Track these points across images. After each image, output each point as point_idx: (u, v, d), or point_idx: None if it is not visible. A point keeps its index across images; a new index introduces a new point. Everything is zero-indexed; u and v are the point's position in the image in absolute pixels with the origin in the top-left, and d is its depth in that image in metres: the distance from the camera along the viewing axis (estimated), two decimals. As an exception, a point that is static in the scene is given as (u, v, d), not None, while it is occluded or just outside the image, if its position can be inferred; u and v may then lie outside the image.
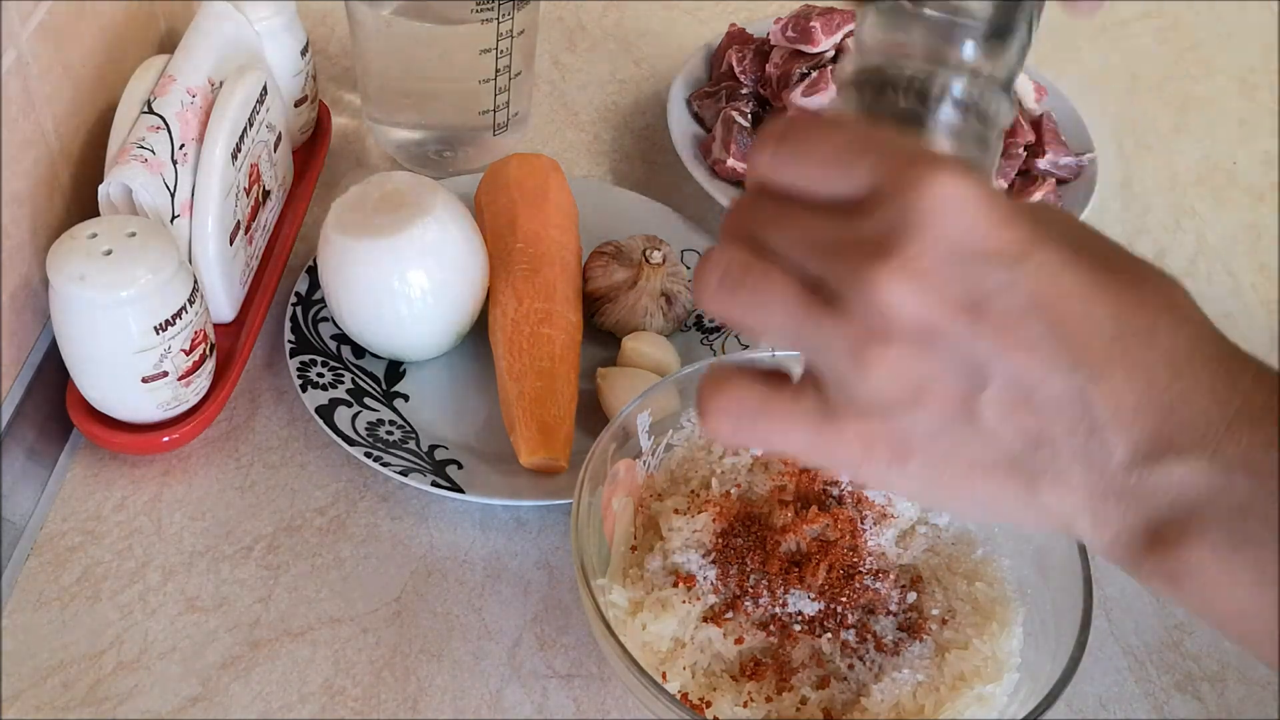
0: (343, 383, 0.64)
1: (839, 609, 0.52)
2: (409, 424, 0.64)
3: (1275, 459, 0.30)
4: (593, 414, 0.65)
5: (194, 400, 0.61)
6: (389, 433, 0.63)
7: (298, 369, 0.64)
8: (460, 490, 0.60)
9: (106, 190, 0.60)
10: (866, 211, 0.30)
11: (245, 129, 0.64)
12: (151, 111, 0.62)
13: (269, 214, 0.70)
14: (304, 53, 0.75)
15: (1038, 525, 0.33)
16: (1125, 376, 0.30)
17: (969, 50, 0.35)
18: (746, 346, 0.67)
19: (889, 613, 0.53)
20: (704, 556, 0.53)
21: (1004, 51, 0.36)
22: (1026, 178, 0.78)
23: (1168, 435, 0.31)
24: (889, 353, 0.30)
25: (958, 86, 0.35)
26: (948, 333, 0.30)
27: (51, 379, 0.61)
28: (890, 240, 0.30)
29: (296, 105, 0.75)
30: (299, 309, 0.67)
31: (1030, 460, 0.32)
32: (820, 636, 0.52)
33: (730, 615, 0.52)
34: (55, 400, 0.61)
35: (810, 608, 0.52)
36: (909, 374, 0.31)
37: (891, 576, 0.54)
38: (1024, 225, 0.30)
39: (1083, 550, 0.51)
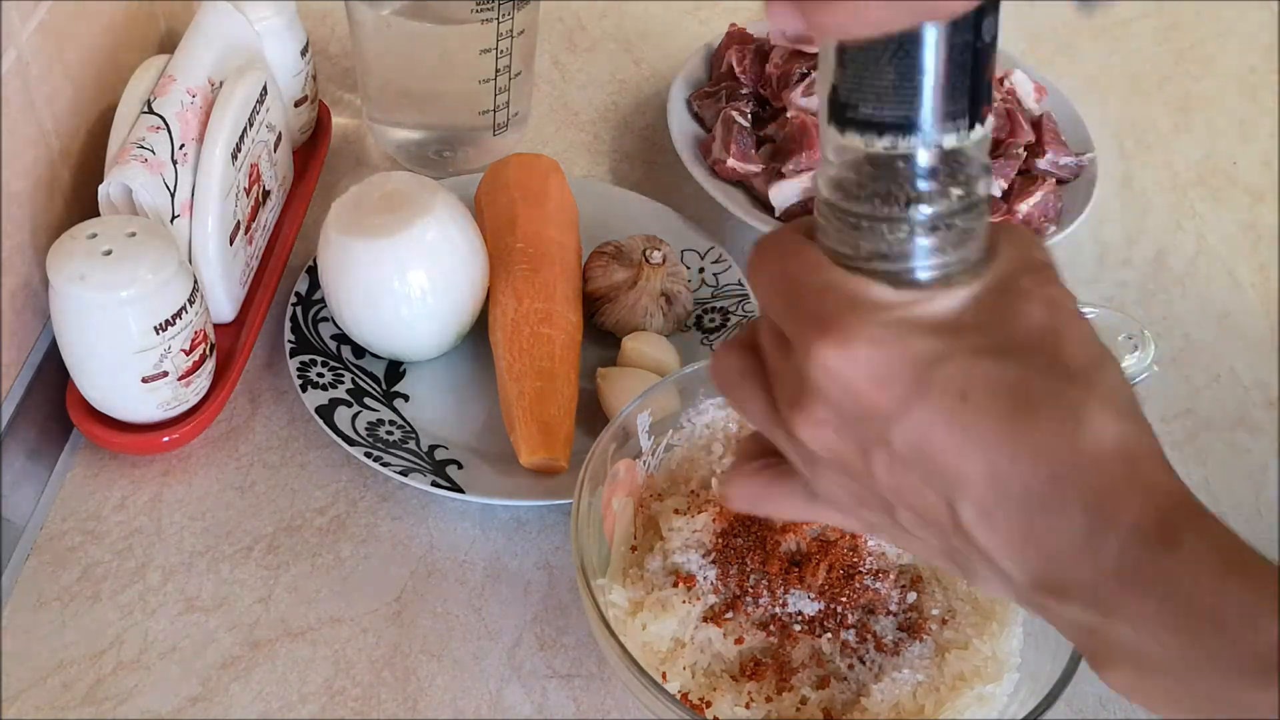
0: (343, 383, 0.64)
1: (839, 609, 0.52)
2: (409, 424, 0.64)
3: (1149, 608, 0.31)
4: (593, 414, 0.65)
5: (194, 400, 0.61)
6: (389, 433, 0.63)
7: (298, 369, 0.64)
8: (460, 490, 0.60)
9: (106, 190, 0.60)
10: (789, 359, 0.34)
11: (245, 129, 0.64)
12: (151, 111, 0.62)
13: (269, 214, 0.70)
14: (304, 53, 0.75)
15: None
16: (1005, 520, 0.32)
17: (931, 177, 0.33)
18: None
19: (889, 613, 0.53)
20: (704, 556, 0.53)
21: (970, 163, 0.34)
22: (1026, 178, 0.78)
23: (1055, 580, 0.32)
24: (824, 473, 0.36)
25: (924, 213, 0.33)
26: (851, 467, 0.34)
27: (51, 379, 0.61)
28: (797, 393, 0.34)
29: (296, 105, 0.75)
30: (299, 309, 0.67)
31: (955, 558, 0.35)
32: (820, 636, 0.52)
33: (730, 615, 0.52)
34: (55, 400, 0.61)
35: (810, 608, 0.52)
36: (843, 487, 0.36)
37: (891, 576, 0.54)
38: (904, 382, 0.32)
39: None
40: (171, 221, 0.61)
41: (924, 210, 0.33)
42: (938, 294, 0.33)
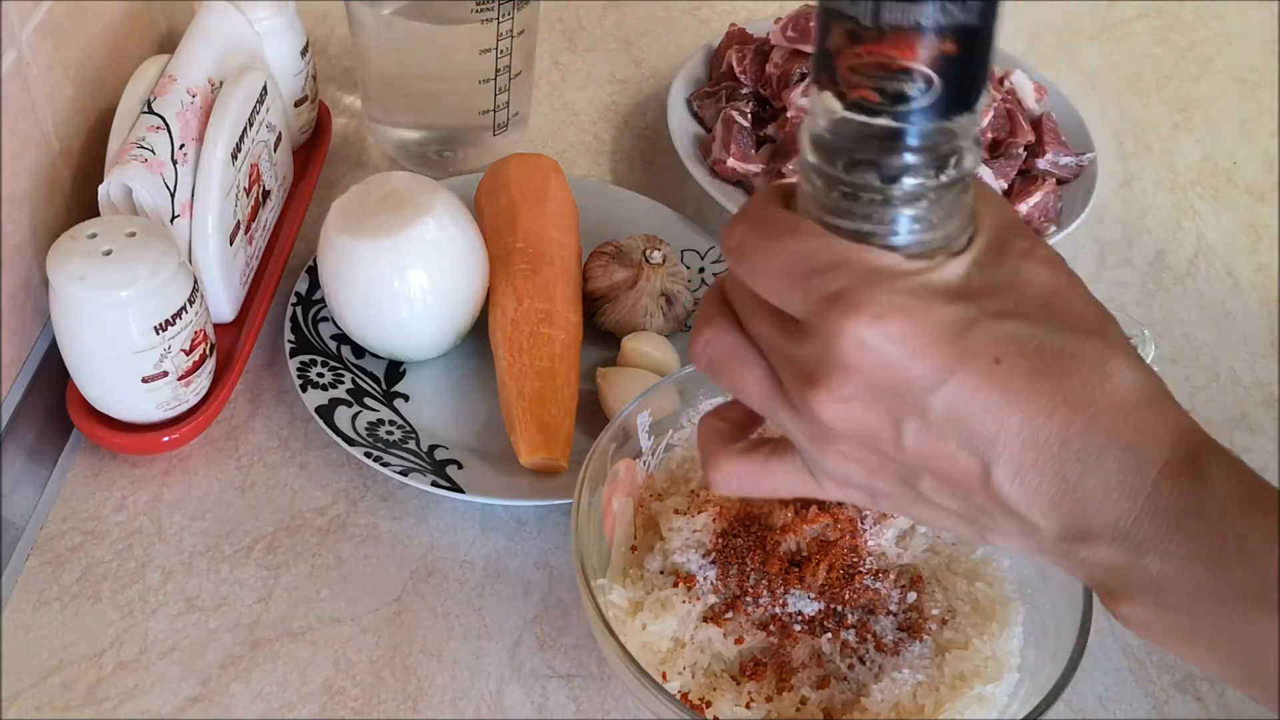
0: (343, 383, 0.64)
1: (839, 609, 0.52)
2: (409, 424, 0.64)
3: (1178, 542, 0.33)
4: (593, 414, 0.65)
5: (194, 400, 0.61)
6: (389, 433, 0.63)
7: (298, 369, 0.64)
8: (460, 490, 0.60)
9: (106, 190, 0.60)
10: (801, 338, 0.34)
11: (245, 129, 0.64)
12: (151, 111, 0.62)
13: (269, 214, 0.70)
14: (304, 53, 0.75)
15: None
16: (1039, 474, 0.33)
17: (929, 149, 0.33)
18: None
19: (889, 613, 0.53)
20: (704, 556, 0.53)
21: (961, 134, 0.33)
22: (1026, 178, 0.78)
23: (1084, 525, 0.34)
24: (835, 446, 0.36)
25: (920, 183, 0.33)
26: (878, 440, 0.35)
27: (51, 379, 0.61)
28: (817, 372, 0.34)
29: (296, 105, 0.75)
30: (299, 309, 0.67)
31: (976, 519, 0.36)
32: (820, 636, 0.52)
33: (730, 615, 0.52)
34: (55, 400, 0.61)
35: (810, 608, 0.52)
36: (856, 460, 0.36)
37: (891, 576, 0.54)
38: (940, 351, 0.32)
39: (1083, 550, 0.51)
40: (171, 221, 0.61)
41: (920, 180, 0.33)
42: (942, 261, 0.34)
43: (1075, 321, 0.34)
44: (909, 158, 0.33)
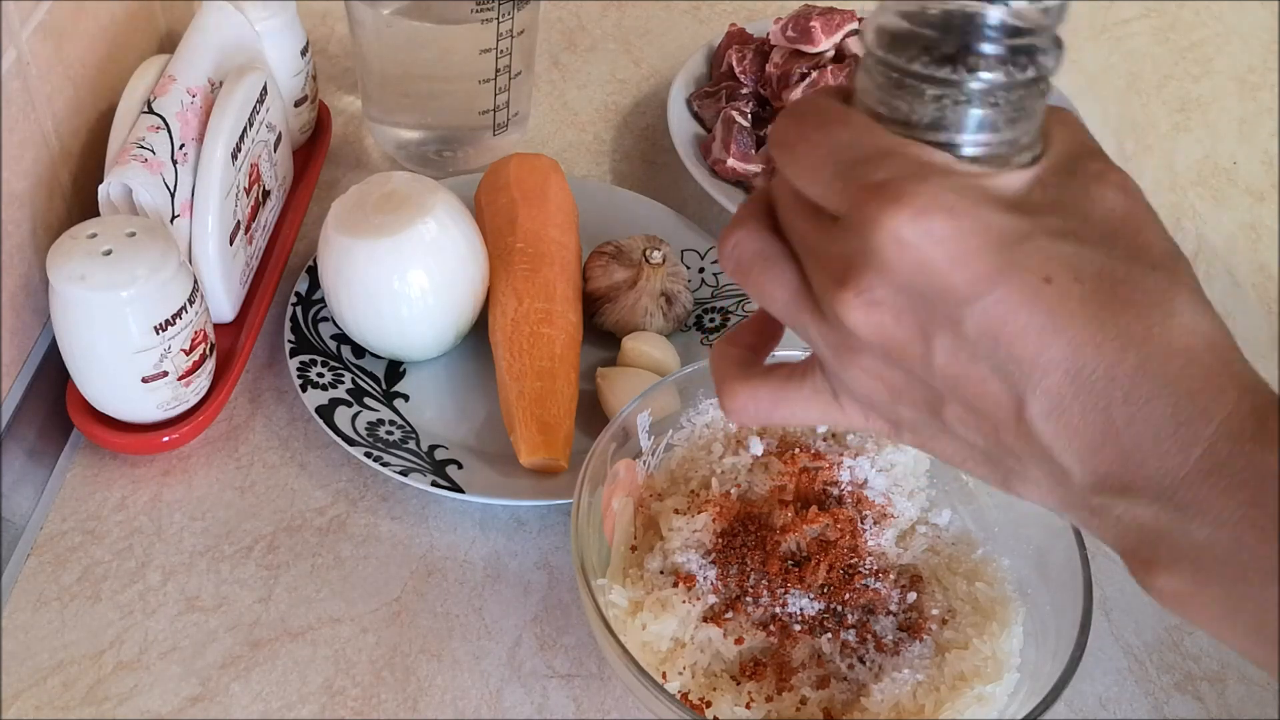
0: (343, 383, 0.64)
1: (839, 609, 0.52)
2: (409, 424, 0.64)
3: (1233, 506, 0.29)
4: (593, 414, 0.65)
5: (194, 400, 0.61)
6: (389, 433, 0.63)
7: (298, 369, 0.64)
8: (460, 490, 0.60)
9: (106, 190, 0.60)
10: (836, 233, 0.31)
11: (245, 129, 0.64)
12: (151, 111, 0.62)
13: (269, 214, 0.70)
14: (304, 53, 0.75)
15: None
16: (1080, 412, 0.30)
17: (999, 42, 0.31)
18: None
19: (889, 613, 0.53)
20: (704, 556, 0.53)
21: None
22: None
23: (1125, 477, 0.31)
24: (860, 360, 0.33)
25: (988, 80, 0.31)
26: (905, 355, 0.32)
27: (51, 379, 0.61)
28: (848, 270, 0.31)
29: (296, 105, 0.75)
30: (299, 309, 0.67)
31: (1001, 461, 0.33)
32: (820, 636, 0.52)
33: (730, 615, 0.52)
34: (55, 400, 0.61)
35: (810, 608, 0.52)
36: (880, 379, 0.33)
37: (891, 576, 0.54)
38: (984, 261, 0.29)
39: (1083, 550, 0.51)
40: (171, 221, 0.61)
41: (988, 77, 0.31)
42: (1004, 171, 0.31)
43: (1142, 253, 0.31)
44: (986, 46, 0.31)
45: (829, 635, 0.52)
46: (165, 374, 0.58)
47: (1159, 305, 0.30)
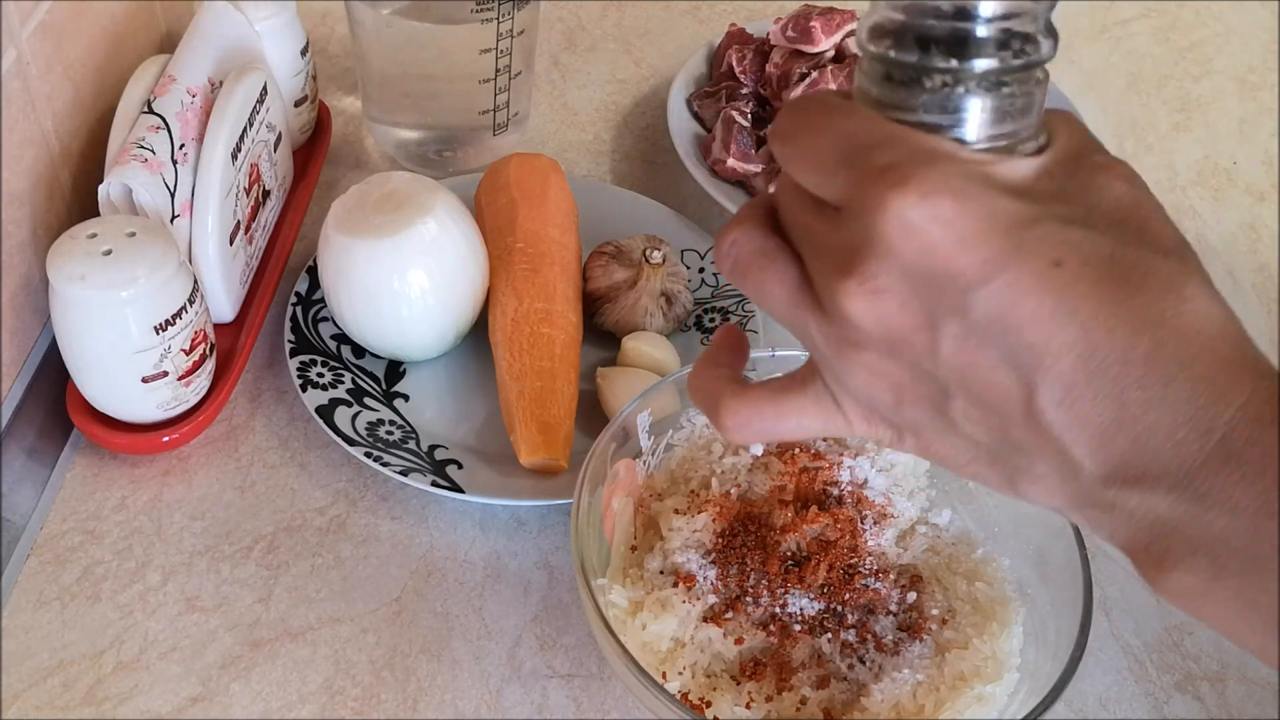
0: (343, 383, 0.64)
1: (839, 609, 0.52)
2: (409, 424, 0.64)
3: (1253, 494, 0.29)
4: (593, 414, 0.65)
5: (194, 400, 0.61)
6: (389, 433, 0.63)
7: (298, 369, 0.64)
8: (460, 490, 0.60)
9: (106, 190, 0.60)
10: (839, 222, 0.31)
11: (245, 129, 0.64)
12: (151, 111, 0.62)
13: (269, 214, 0.70)
14: (304, 53, 0.75)
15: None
16: (1093, 399, 0.29)
17: (996, 30, 0.31)
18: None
19: (889, 613, 0.53)
20: (704, 556, 0.53)
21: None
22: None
23: (1139, 466, 0.30)
24: (862, 356, 0.32)
25: (986, 67, 0.31)
26: (909, 346, 0.31)
27: (51, 379, 0.61)
28: (852, 258, 0.30)
29: (296, 105, 0.75)
30: (299, 309, 0.67)
31: (1008, 459, 0.32)
32: (820, 636, 0.52)
33: (730, 615, 0.52)
34: (55, 400, 0.61)
35: (810, 608, 0.52)
36: (883, 377, 0.32)
37: (891, 576, 0.54)
38: (992, 244, 0.29)
39: (1083, 550, 0.51)
40: (171, 221, 0.61)
41: (984, 64, 0.31)
42: (1008, 158, 0.31)
43: (1152, 240, 0.30)
44: (982, 30, 0.31)
45: (829, 635, 0.52)
46: (165, 374, 0.58)
47: (1172, 290, 0.30)
